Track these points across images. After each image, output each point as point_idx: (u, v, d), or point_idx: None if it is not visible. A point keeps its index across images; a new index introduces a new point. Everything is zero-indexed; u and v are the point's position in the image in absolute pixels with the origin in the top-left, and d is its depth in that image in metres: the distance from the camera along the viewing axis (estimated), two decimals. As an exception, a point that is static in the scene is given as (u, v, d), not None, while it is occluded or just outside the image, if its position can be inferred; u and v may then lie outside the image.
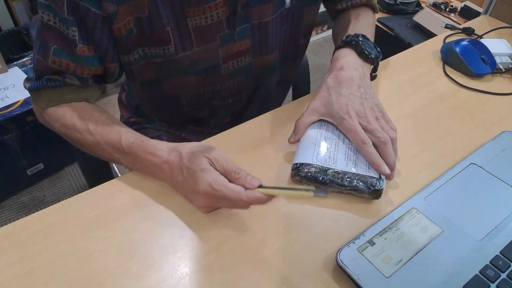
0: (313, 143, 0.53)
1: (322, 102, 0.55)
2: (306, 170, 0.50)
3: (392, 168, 0.50)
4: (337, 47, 0.61)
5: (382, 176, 0.50)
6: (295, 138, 0.55)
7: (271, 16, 0.60)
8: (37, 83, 0.56)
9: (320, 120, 0.56)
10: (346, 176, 0.50)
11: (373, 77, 0.63)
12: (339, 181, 0.50)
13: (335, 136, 0.54)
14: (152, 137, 0.76)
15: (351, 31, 0.64)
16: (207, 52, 0.59)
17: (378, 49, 0.62)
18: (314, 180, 0.50)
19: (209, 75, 0.63)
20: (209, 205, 0.48)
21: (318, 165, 0.51)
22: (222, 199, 0.45)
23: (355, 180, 0.49)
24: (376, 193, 0.49)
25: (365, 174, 0.50)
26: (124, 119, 0.81)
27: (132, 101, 0.79)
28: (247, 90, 0.70)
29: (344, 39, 0.61)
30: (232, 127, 0.61)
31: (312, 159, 0.51)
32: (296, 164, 0.51)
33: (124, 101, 0.81)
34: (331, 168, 0.51)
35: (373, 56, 0.59)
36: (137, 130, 0.77)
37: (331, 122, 0.55)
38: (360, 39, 0.59)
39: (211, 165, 0.46)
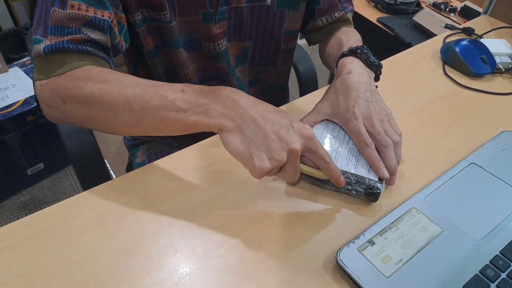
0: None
1: (328, 103, 0.55)
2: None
3: (392, 172, 0.50)
4: (342, 56, 0.61)
5: (382, 180, 0.50)
6: None
7: (245, 3, 0.64)
8: (55, 44, 0.48)
9: (326, 120, 0.56)
10: (344, 175, 0.49)
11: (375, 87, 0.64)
12: None
13: (340, 137, 0.54)
14: (162, 151, 0.75)
15: (348, 44, 0.65)
16: (189, 24, 0.62)
17: (378, 60, 0.62)
18: (310, 180, 0.50)
19: (193, 50, 0.66)
20: (297, 153, 0.43)
21: None
22: (317, 148, 0.44)
23: (353, 181, 0.49)
24: (372, 196, 0.49)
25: (364, 176, 0.50)
26: (131, 136, 0.82)
27: None
28: (230, 79, 0.72)
29: (347, 48, 0.61)
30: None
31: None
32: None
33: None
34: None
35: (376, 64, 0.60)
36: (146, 144, 0.79)
37: (337, 123, 0.55)
38: (364, 49, 0.60)
39: None
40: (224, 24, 0.65)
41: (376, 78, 0.61)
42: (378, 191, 0.49)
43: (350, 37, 0.68)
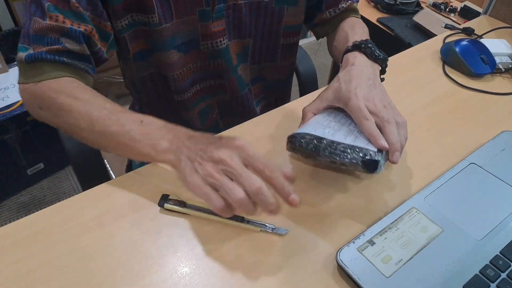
0: (317, 122, 0.52)
1: (331, 90, 0.55)
2: (300, 139, 0.49)
3: (394, 148, 0.48)
4: (346, 51, 0.61)
5: (381, 151, 0.47)
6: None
7: (243, 0, 0.64)
8: (35, 53, 0.52)
9: (329, 107, 0.55)
10: (341, 145, 0.47)
11: (381, 80, 0.63)
12: (332, 149, 0.47)
13: (342, 121, 0.52)
14: None
15: (353, 39, 0.65)
16: (186, 25, 0.62)
17: (384, 53, 0.62)
18: (305, 149, 0.48)
19: (190, 51, 0.66)
20: (222, 165, 0.42)
21: (314, 134, 0.49)
22: (252, 158, 0.42)
23: (349, 150, 0.47)
24: (370, 165, 0.46)
25: (362, 146, 0.47)
26: None
27: None
28: (228, 77, 0.71)
29: (352, 44, 0.61)
30: (222, 129, 0.62)
31: (310, 131, 0.50)
32: (292, 134, 0.50)
33: None
34: (326, 138, 0.48)
35: (382, 57, 0.60)
36: None
37: (339, 107, 0.53)
38: (369, 43, 0.60)
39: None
40: (223, 22, 0.64)
41: (382, 71, 0.61)
42: (377, 159, 0.46)
43: (356, 30, 0.68)
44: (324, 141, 0.48)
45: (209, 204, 0.42)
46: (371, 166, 0.46)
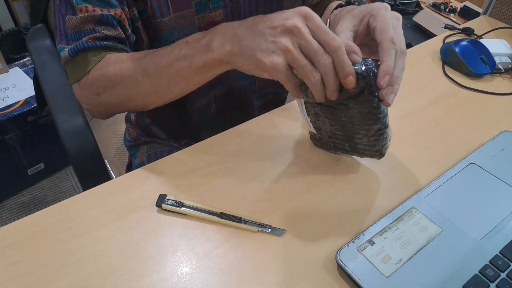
0: None
1: (350, 20, 0.48)
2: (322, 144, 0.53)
3: (393, 81, 0.44)
4: (338, 6, 0.56)
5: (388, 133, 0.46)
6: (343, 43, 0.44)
7: None
8: (76, 45, 0.54)
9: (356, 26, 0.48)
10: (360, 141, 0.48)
11: None
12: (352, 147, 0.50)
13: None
14: (162, 152, 0.74)
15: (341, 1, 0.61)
16: (183, 19, 0.62)
17: None
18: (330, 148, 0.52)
19: None
20: (298, 36, 0.40)
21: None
22: (321, 28, 0.40)
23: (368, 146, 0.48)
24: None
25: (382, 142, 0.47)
26: (132, 137, 0.82)
27: (142, 121, 0.80)
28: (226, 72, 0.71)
29: (345, 1, 0.57)
30: (220, 122, 0.62)
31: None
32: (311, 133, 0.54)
33: (133, 121, 0.82)
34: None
35: None
36: (147, 145, 0.79)
37: (361, 21, 0.47)
38: (362, 1, 0.56)
39: None
40: (220, 12, 0.64)
41: None
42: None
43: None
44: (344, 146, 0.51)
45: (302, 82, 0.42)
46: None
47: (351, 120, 0.46)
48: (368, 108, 0.44)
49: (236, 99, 0.76)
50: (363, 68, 0.42)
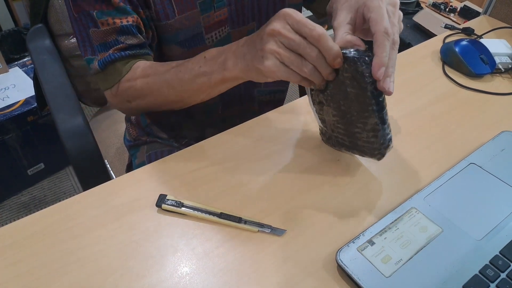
0: None
1: (345, 9, 0.49)
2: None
3: (388, 73, 0.44)
4: None
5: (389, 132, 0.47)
6: (343, 39, 0.46)
7: None
8: (104, 58, 0.59)
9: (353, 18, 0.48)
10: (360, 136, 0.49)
11: None
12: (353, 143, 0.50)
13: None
14: (162, 152, 0.75)
15: None
16: (188, 20, 0.62)
17: None
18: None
19: (193, 46, 0.66)
20: (280, 37, 0.44)
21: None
22: (300, 23, 0.43)
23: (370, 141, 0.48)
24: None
25: (384, 138, 0.47)
26: (132, 137, 0.82)
27: (142, 121, 0.80)
28: None
29: None
30: (222, 118, 0.62)
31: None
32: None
33: (133, 121, 0.83)
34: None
35: None
36: (147, 144, 0.79)
37: (357, 12, 0.48)
38: None
39: None
40: (225, 11, 0.64)
41: None
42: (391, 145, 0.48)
43: None
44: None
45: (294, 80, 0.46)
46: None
47: (349, 110, 0.47)
48: (363, 97, 0.45)
49: (240, 90, 0.76)
50: (352, 54, 0.44)
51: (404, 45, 1.45)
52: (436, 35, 0.88)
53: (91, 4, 0.57)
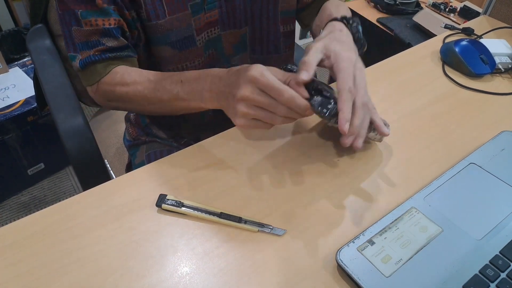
0: None
1: (320, 44, 0.52)
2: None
3: (353, 131, 0.48)
4: (333, 19, 0.59)
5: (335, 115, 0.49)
6: (309, 75, 0.49)
7: None
8: (85, 59, 0.60)
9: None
10: (318, 82, 0.50)
11: None
12: (315, 83, 0.50)
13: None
14: (161, 151, 0.75)
15: (339, 15, 0.62)
16: (179, 21, 0.63)
17: (365, 39, 0.62)
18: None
19: (185, 48, 0.66)
20: (249, 102, 0.47)
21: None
22: (267, 88, 0.46)
23: (323, 88, 0.49)
24: (326, 109, 0.49)
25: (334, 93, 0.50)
26: (131, 136, 0.82)
27: (142, 121, 0.80)
28: (219, 67, 0.71)
29: (340, 16, 0.60)
30: (218, 122, 0.62)
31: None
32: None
33: (133, 120, 0.83)
34: (316, 80, 0.51)
35: (362, 42, 0.59)
36: (146, 144, 0.79)
37: (328, 62, 0.52)
38: (355, 22, 0.59)
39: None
40: (215, 12, 0.64)
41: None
42: (332, 107, 0.49)
43: (340, 9, 0.68)
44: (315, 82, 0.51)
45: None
46: (326, 110, 0.49)
47: None
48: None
49: None
50: (319, 108, 0.49)
51: (404, 45, 1.45)
52: (436, 35, 0.88)
53: (76, 3, 0.58)
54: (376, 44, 1.58)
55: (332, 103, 0.49)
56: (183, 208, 0.48)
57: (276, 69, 0.50)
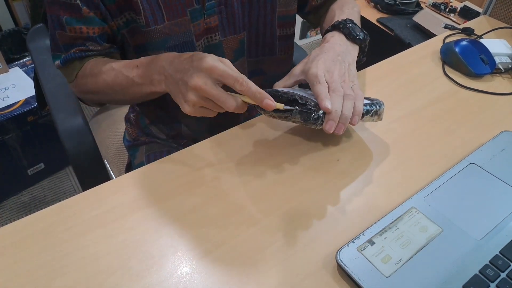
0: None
1: (299, 66, 0.58)
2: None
3: (331, 116, 0.50)
4: (326, 31, 0.63)
5: (322, 113, 0.50)
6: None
7: None
8: (66, 56, 0.62)
9: (297, 82, 0.58)
10: (290, 93, 0.51)
11: (361, 60, 0.64)
12: (280, 93, 0.52)
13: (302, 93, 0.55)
14: (161, 152, 0.76)
15: (339, 19, 0.65)
16: (178, 27, 0.63)
17: (366, 32, 0.63)
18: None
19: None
20: (201, 92, 0.48)
21: (271, 90, 0.54)
22: (222, 77, 0.48)
23: (296, 96, 0.51)
24: (307, 115, 0.50)
25: (308, 96, 0.51)
26: (131, 137, 0.82)
27: (142, 122, 0.80)
28: None
29: (332, 24, 0.63)
30: (216, 124, 0.62)
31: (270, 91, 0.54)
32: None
33: (133, 121, 0.83)
34: (282, 90, 0.53)
35: (360, 37, 0.61)
36: (146, 145, 0.79)
37: (304, 82, 0.57)
38: (348, 23, 0.61)
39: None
40: (215, 18, 0.64)
41: (362, 52, 0.62)
42: (313, 110, 0.49)
43: (344, 10, 0.68)
44: (279, 92, 0.53)
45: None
46: (307, 115, 0.50)
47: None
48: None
49: None
50: (299, 115, 0.50)
51: (404, 45, 1.45)
52: (436, 35, 0.88)
53: (62, 9, 0.59)
54: (376, 44, 1.58)
55: (310, 105, 0.50)
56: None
57: (229, 61, 0.51)
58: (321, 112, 0.50)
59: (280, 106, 0.50)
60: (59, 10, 0.59)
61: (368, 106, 0.54)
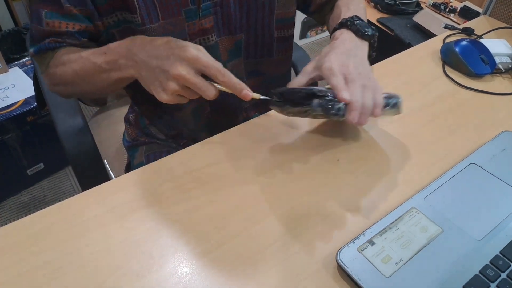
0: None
1: (311, 63, 0.58)
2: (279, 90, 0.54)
3: (352, 106, 0.49)
4: (334, 29, 0.63)
5: (342, 107, 0.51)
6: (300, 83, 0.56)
7: None
8: (40, 45, 0.61)
9: (310, 81, 0.57)
10: (307, 88, 0.52)
11: (371, 56, 0.64)
12: (297, 90, 0.53)
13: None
14: (161, 152, 0.76)
15: (345, 16, 0.65)
16: (173, 26, 0.62)
17: (373, 27, 0.63)
18: (279, 93, 0.54)
19: None
20: (183, 81, 0.48)
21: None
22: (206, 68, 0.48)
23: (314, 90, 0.51)
24: (326, 105, 0.50)
25: (327, 90, 0.52)
26: (131, 137, 0.82)
27: (141, 122, 0.80)
28: None
29: (339, 22, 0.62)
30: (215, 124, 0.62)
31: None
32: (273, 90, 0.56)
33: (132, 121, 0.82)
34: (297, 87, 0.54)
35: (369, 33, 0.61)
36: (145, 145, 0.79)
37: (318, 79, 0.57)
38: (355, 20, 0.61)
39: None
40: (211, 19, 0.64)
41: (372, 47, 0.62)
42: (334, 101, 0.50)
43: (349, 7, 0.68)
44: (296, 89, 0.54)
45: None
46: (324, 105, 0.51)
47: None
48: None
49: (229, 98, 0.75)
50: (319, 107, 0.52)
51: (404, 45, 1.45)
52: (436, 35, 0.88)
53: (44, 3, 0.58)
54: (375, 44, 1.57)
55: (330, 97, 0.50)
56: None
57: (204, 49, 0.51)
58: (342, 103, 0.50)
59: (257, 96, 0.51)
60: (41, 4, 0.58)
61: (386, 99, 0.54)
